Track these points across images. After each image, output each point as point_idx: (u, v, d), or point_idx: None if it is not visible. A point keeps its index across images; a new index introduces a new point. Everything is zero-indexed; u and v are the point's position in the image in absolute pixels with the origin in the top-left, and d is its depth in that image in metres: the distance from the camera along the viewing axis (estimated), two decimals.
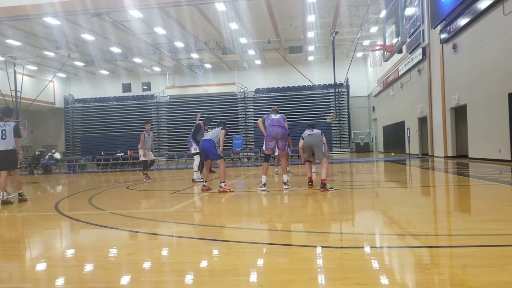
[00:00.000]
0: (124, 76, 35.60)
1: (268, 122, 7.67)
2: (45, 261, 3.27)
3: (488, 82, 13.33)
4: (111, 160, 21.96)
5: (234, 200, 6.72)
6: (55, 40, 25.57)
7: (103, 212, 5.82)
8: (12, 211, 6.56)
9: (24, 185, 7.65)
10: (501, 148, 12.53)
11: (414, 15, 19.73)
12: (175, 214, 5.37)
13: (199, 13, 21.20)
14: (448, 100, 16.88)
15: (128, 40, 26.34)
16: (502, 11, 12.11)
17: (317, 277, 2.56)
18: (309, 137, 7.40)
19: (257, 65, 33.40)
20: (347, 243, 3.49)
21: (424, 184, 8.69)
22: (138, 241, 4.01)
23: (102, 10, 18.03)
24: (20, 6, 17.03)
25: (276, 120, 7.56)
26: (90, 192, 8.81)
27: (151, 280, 2.65)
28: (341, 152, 31.11)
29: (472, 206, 5.41)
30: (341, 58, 30.45)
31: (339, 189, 7.32)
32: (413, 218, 4.49)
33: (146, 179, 11.47)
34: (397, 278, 2.49)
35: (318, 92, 32.39)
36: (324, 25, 25.51)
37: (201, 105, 33.37)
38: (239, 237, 3.90)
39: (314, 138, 7.35)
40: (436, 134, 18.48)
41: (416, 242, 3.42)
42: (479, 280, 2.34)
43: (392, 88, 26.01)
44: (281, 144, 7.56)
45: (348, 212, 5.29)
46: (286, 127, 7.65)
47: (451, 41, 16.08)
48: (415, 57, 20.55)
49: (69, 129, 36.14)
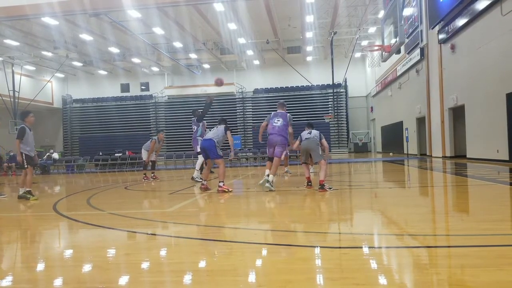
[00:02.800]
0: (122, 76, 35.54)
1: (269, 127, 7.73)
2: (43, 261, 3.26)
3: (486, 83, 13.36)
4: (109, 160, 21.94)
5: (232, 200, 6.72)
6: (53, 40, 25.53)
7: (102, 212, 5.81)
8: (10, 211, 6.55)
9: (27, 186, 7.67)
10: (499, 148, 12.56)
11: (412, 16, 19.77)
12: (174, 214, 5.36)
13: (197, 13, 21.21)
14: (446, 100, 16.91)
15: (127, 40, 26.32)
16: (500, 12, 12.15)
17: (316, 277, 2.56)
18: (306, 141, 7.42)
19: (255, 65, 33.41)
20: (345, 243, 3.50)
21: (422, 184, 8.71)
22: (137, 241, 4.00)
23: (100, 10, 18.01)
24: (18, 6, 17.00)
25: (277, 128, 7.61)
26: (88, 192, 8.79)
27: (149, 280, 2.65)
28: (339, 152, 31.13)
29: (470, 206, 5.42)
30: (339, 59, 30.49)
31: (338, 189, 7.32)
32: (411, 218, 4.50)
33: (154, 178, 11.84)
34: (396, 278, 2.50)
35: (316, 92, 32.42)
36: (323, 25, 25.54)
37: (200, 105, 33.30)
38: (238, 237, 3.90)
39: (310, 142, 7.36)
40: (434, 134, 18.52)
41: (414, 242, 3.43)
42: (477, 280, 2.35)
43: (390, 88, 26.05)
44: (277, 151, 7.60)
45: (346, 212, 5.29)
46: (290, 129, 7.68)
47: (449, 41, 16.11)
48: (413, 57, 20.59)
49: (67, 129, 36.07)
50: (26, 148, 7.52)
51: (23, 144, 7.47)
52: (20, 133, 7.48)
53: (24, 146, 7.49)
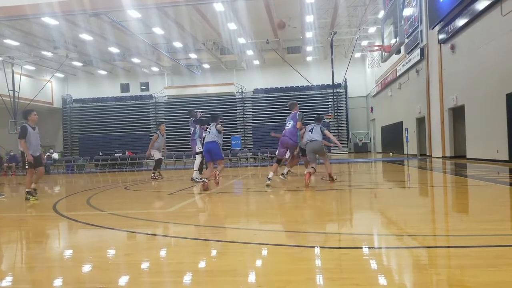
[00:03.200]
0: (122, 76, 35.53)
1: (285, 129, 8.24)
2: (43, 261, 3.26)
3: (486, 83, 13.36)
4: (109, 160, 21.94)
5: (232, 201, 6.72)
6: (53, 40, 25.52)
7: (102, 212, 5.81)
8: (10, 211, 6.55)
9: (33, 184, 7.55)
10: (499, 149, 12.56)
11: (412, 16, 19.77)
12: (174, 215, 5.36)
13: (197, 13, 21.20)
14: (446, 101, 16.91)
15: (126, 40, 26.30)
16: (500, 12, 12.15)
17: (316, 277, 2.56)
18: (312, 144, 7.93)
19: (255, 65, 33.41)
20: (345, 244, 3.50)
21: (422, 184, 8.71)
22: (137, 241, 4.00)
23: (100, 10, 18.02)
24: (18, 6, 17.00)
25: (288, 131, 8.04)
26: (88, 192, 8.79)
27: (149, 280, 2.65)
28: (339, 152, 31.13)
29: (470, 207, 5.42)
30: (339, 59, 30.47)
31: (337, 190, 7.33)
32: (411, 218, 4.50)
33: (158, 177, 11.87)
34: (395, 278, 2.50)
35: (316, 92, 32.43)
36: (323, 25, 25.53)
37: (200, 105, 33.31)
38: (237, 237, 3.90)
39: (315, 144, 7.91)
40: (434, 135, 18.53)
41: (414, 242, 3.43)
42: (477, 281, 2.35)
43: (390, 88, 26.06)
44: (285, 150, 8.37)
45: (346, 213, 5.29)
46: (298, 124, 8.02)
47: (449, 41, 16.11)
48: (413, 57, 20.59)
49: (67, 129, 36.06)
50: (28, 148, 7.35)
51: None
52: (22, 132, 7.32)
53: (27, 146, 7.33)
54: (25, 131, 7.33)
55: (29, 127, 7.43)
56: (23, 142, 7.27)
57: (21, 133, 7.30)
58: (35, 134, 7.54)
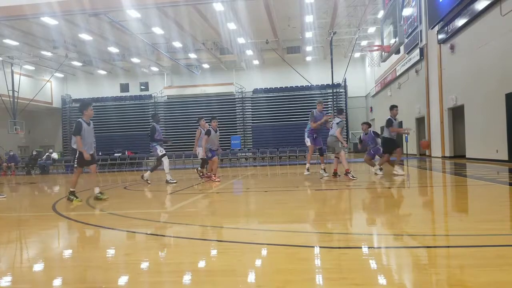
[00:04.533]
0: (122, 76, 35.54)
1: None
2: (43, 261, 3.26)
3: (486, 83, 13.36)
4: (109, 160, 21.94)
5: (232, 201, 6.72)
6: (53, 40, 25.53)
7: (101, 212, 5.81)
8: (10, 211, 6.54)
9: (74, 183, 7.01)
10: (498, 149, 12.57)
11: (411, 16, 19.78)
12: (173, 214, 5.36)
13: (197, 13, 21.19)
14: (446, 101, 16.92)
15: (126, 40, 26.30)
16: (500, 12, 12.15)
17: (315, 277, 2.56)
18: (329, 138, 9.16)
19: (255, 65, 33.41)
20: (344, 243, 3.49)
21: (422, 184, 8.71)
22: (136, 241, 4.00)
23: (99, 10, 17.98)
24: (18, 6, 16.97)
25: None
26: (88, 192, 8.78)
27: (149, 280, 2.65)
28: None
29: (470, 206, 5.42)
30: (339, 59, 30.48)
31: (337, 190, 7.33)
32: (411, 218, 4.50)
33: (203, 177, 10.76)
34: (395, 278, 2.50)
35: (316, 92, 32.42)
36: (322, 25, 25.54)
37: (199, 105, 33.37)
38: (237, 237, 3.90)
39: (331, 138, 9.10)
40: (434, 134, 18.53)
41: (413, 242, 3.43)
42: (477, 280, 2.35)
43: (389, 88, 26.05)
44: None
45: (345, 212, 5.29)
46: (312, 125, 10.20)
47: (449, 41, 16.12)
48: (413, 57, 20.59)
49: (66, 129, 36.02)
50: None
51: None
52: (77, 128, 6.72)
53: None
54: (80, 127, 6.74)
55: (83, 122, 6.84)
56: (79, 138, 6.68)
57: (75, 130, 6.73)
58: (89, 130, 6.96)
